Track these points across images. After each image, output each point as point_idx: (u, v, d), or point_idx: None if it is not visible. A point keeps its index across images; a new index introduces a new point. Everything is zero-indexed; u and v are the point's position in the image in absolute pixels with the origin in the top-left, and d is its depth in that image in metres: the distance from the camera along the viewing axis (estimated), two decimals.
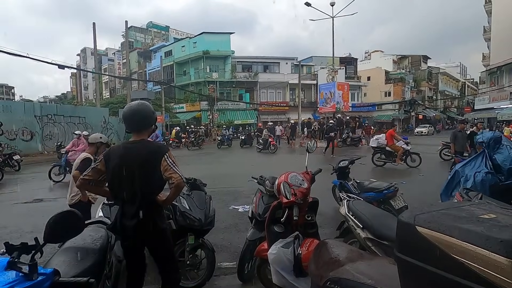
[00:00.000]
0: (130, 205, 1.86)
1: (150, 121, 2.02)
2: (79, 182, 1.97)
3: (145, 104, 2.04)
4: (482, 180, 3.66)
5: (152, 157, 1.86)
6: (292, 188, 2.14)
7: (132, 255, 2.00)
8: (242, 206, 5.48)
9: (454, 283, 0.82)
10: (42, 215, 4.94)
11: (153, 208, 1.90)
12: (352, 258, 1.51)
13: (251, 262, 2.82)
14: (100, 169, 1.93)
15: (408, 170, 9.27)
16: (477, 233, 0.81)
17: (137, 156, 1.86)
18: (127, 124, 1.98)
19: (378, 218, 2.43)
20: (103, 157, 1.95)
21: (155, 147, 1.94)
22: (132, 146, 1.92)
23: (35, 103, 21.75)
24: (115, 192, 1.93)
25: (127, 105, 2.03)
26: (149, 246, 2.00)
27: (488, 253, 0.76)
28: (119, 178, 1.86)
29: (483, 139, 3.99)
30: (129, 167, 1.84)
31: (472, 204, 1.07)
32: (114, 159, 1.89)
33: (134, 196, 1.85)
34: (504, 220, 0.87)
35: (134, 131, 1.99)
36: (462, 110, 46.74)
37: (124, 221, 1.87)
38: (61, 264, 1.59)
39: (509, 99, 24.78)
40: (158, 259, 2.02)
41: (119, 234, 1.96)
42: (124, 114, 1.98)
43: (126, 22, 24.27)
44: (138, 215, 1.83)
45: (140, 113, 1.96)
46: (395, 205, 4.03)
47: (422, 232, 0.90)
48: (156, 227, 1.90)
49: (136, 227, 1.84)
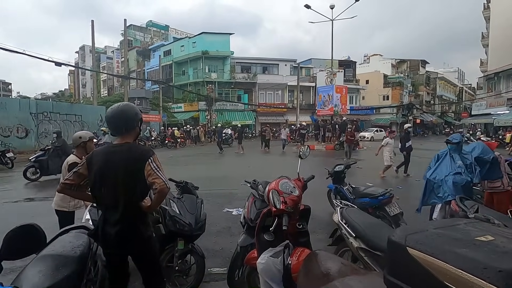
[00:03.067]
0: (112, 211, 1.78)
1: (133, 122, 1.92)
2: (60, 186, 1.88)
3: (128, 105, 1.95)
4: (454, 183, 3.72)
5: (136, 161, 1.78)
6: (282, 196, 2.07)
7: (114, 263, 1.91)
8: (236, 209, 5.40)
9: None
10: (32, 215, 4.83)
11: (136, 215, 1.82)
12: (343, 272, 1.45)
13: (242, 269, 2.74)
14: (82, 173, 1.85)
15: (404, 176, 9.23)
16: (474, 260, 0.73)
17: (120, 160, 1.77)
18: (110, 127, 1.90)
19: (371, 228, 2.37)
20: (86, 160, 1.87)
21: (139, 151, 1.85)
22: (115, 150, 1.83)
23: (31, 100, 21.52)
24: (97, 198, 1.84)
25: (110, 107, 1.95)
26: (132, 255, 1.91)
27: (486, 284, 0.69)
28: (101, 184, 1.78)
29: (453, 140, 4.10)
30: (112, 172, 1.76)
31: (468, 222, 1.00)
32: (96, 163, 1.81)
33: (117, 203, 1.76)
34: (502, 244, 0.79)
35: (118, 134, 1.90)
36: (459, 115, 46.92)
37: (106, 228, 1.79)
38: (36, 274, 1.50)
39: (506, 105, 24.90)
40: (141, 268, 1.94)
41: (101, 241, 1.87)
42: (106, 117, 1.90)
43: (125, 20, 24.11)
44: (120, 222, 1.76)
45: (122, 114, 1.87)
46: (390, 212, 3.97)
47: (414, 255, 0.83)
48: (140, 235, 1.82)
49: (118, 235, 1.76)
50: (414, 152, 10.32)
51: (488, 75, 29.52)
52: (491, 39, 28.85)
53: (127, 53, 26.88)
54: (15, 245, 1.23)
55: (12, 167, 11.05)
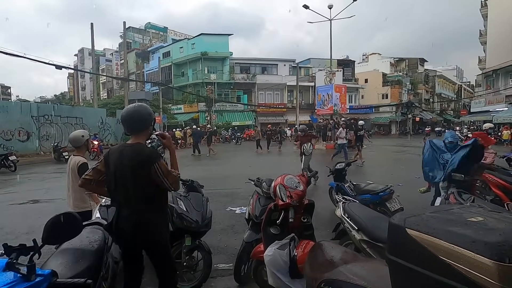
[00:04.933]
0: (125, 208, 1.88)
1: (146, 123, 2.00)
2: (81, 181, 2.00)
3: (142, 105, 2.03)
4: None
5: (142, 164, 1.85)
6: (288, 190, 2.17)
7: (129, 257, 2.00)
8: (239, 208, 5.49)
9: (441, 284, 0.85)
10: (38, 216, 4.92)
11: (148, 212, 1.90)
12: (346, 260, 1.54)
13: (247, 264, 2.83)
14: (100, 169, 1.96)
15: (404, 173, 9.33)
16: (464, 236, 0.84)
17: (128, 161, 1.86)
18: (124, 126, 1.99)
19: (373, 221, 2.46)
20: (103, 157, 1.97)
21: (146, 155, 1.88)
22: (126, 150, 1.91)
23: (31, 103, 21.64)
24: (112, 194, 1.95)
25: (126, 107, 2.04)
26: (146, 249, 2.01)
27: (474, 255, 0.79)
28: (115, 181, 1.88)
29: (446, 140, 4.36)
30: (122, 171, 1.86)
31: (462, 207, 1.11)
32: (111, 161, 1.91)
33: (129, 199, 1.87)
34: (491, 223, 0.90)
35: (131, 133, 1.99)
36: (458, 112, 47.07)
37: (120, 223, 1.89)
38: (58, 266, 1.59)
39: (504, 102, 25.02)
40: (155, 262, 2.02)
41: (115, 236, 1.98)
42: (122, 116, 1.99)
43: (124, 23, 24.25)
44: (133, 219, 1.85)
45: (136, 114, 1.96)
46: (390, 207, 4.07)
47: (412, 235, 0.93)
48: (152, 231, 1.91)
49: (131, 230, 1.86)
50: (414, 150, 10.43)
51: (486, 73, 29.65)
52: (489, 37, 28.95)
53: (126, 55, 26.96)
54: (55, 231, 1.33)
55: (15, 170, 11.13)
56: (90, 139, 3.40)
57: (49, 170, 11.60)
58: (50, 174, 10.69)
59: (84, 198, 3.10)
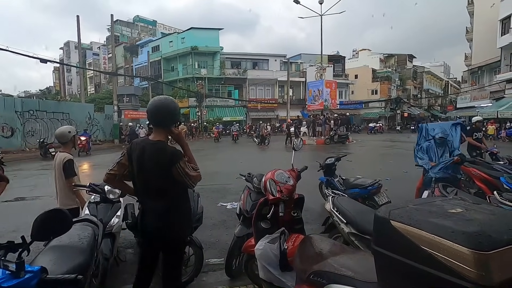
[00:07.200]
0: (148, 204, 1.89)
1: (174, 118, 1.94)
2: (106, 176, 1.95)
3: (168, 99, 1.96)
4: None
5: (163, 164, 1.81)
6: (278, 185, 2.20)
7: (148, 254, 2.00)
8: (230, 203, 5.51)
9: (423, 272, 0.89)
10: (25, 214, 4.82)
11: (171, 209, 1.88)
12: (335, 252, 1.59)
13: (239, 258, 2.87)
14: (124, 163, 1.92)
15: (392, 168, 9.53)
16: (444, 227, 0.88)
17: (150, 160, 1.82)
18: (151, 118, 1.92)
19: (361, 214, 2.53)
20: (126, 151, 1.93)
21: (168, 154, 1.81)
22: (148, 147, 1.85)
23: (15, 98, 20.94)
24: (136, 189, 1.95)
25: (152, 99, 1.97)
26: (164, 246, 1.97)
27: (453, 244, 0.83)
28: (138, 175, 1.87)
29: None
30: (144, 167, 1.83)
31: (444, 199, 1.16)
32: (134, 156, 1.87)
33: (152, 196, 1.86)
34: (469, 215, 0.95)
35: (156, 126, 1.94)
36: (445, 108, 48.12)
37: (144, 219, 1.90)
38: (47, 263, 1.58)
39: (489, 98, 25.71)
40: (168, 261, 1.99)
41: (140, 232, 1.97)
42: (149, 108, 1.91)
43: (111, 15, 23.68)
44: (156, 215, 1.85)
45: (165, 107, 1.89)
46: (379, 201, 4.16)
47: (396, 226, 0.97)
48: (173, 229, 1.89)
49: (155, 226, 1.86)
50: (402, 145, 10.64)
51: (472, 69, 30.39)
52: (475, 34, 29.60)
53: (114, 49, 26.37)
54: (45, 227, 1.32)
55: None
56: (77, 135, 3.35)
57: (35, 167, 11.32)
58: (36, 171, 10.45)
59: (71, 195, 3.06)
